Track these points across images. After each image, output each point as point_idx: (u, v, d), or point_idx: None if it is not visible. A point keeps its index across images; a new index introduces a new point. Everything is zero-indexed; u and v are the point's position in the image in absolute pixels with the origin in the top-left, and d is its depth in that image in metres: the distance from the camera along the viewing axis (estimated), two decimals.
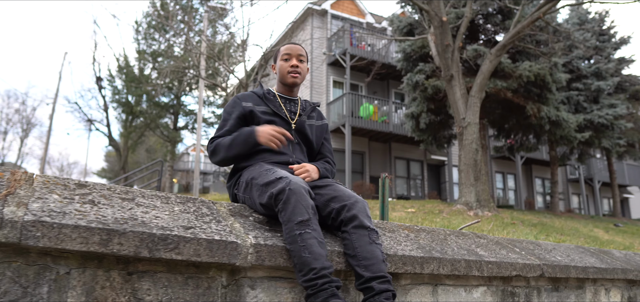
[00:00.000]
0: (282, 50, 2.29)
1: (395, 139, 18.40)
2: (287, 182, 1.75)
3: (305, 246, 1.65)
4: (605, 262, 3.48)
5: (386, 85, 19.74)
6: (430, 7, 7.20)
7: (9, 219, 1.25)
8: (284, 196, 1.72)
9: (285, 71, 2.25)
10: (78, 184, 1.64)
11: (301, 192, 1.75)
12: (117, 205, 1.58)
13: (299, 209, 1.71)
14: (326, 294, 1.58)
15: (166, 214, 1.64)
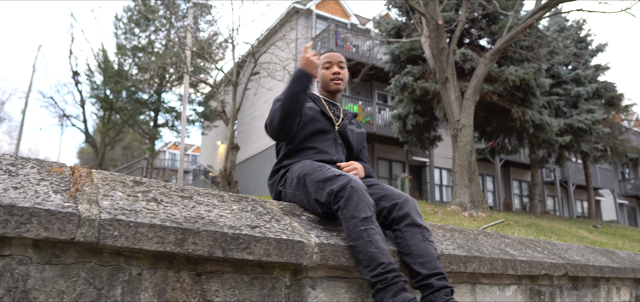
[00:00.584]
0: (321, 58, 2.30)
1: (378, 140, 18.49)
2: (347, 179, 1.71)
3: (371, 241, 1.62)
4: (616, 262, 3.55)
5: (369, 86, 19.82)
6: (426, 10, 7.26)
7: (86, 218, 1.17)
8: (346, 193, 1.68)
9: (327, 78, 2.26)
10: (135, 181, 1.55)
11: (362, 189, 1.71)
12: (180, 203, 1.51)
13: (362, 205, 1.67)
14: (396, 287, 1.56)
15: (228, 213, 1.58)
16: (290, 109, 2.02)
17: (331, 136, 2.17)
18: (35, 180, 1.27)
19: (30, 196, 1.16)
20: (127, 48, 18.81)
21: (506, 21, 11.72)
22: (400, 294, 1.55)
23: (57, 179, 1.33)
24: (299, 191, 1.93)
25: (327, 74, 2.25)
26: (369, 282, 1.60)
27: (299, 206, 1.96)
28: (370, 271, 1.59)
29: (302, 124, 2.12)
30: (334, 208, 1.73)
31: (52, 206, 1.15)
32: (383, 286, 1.56)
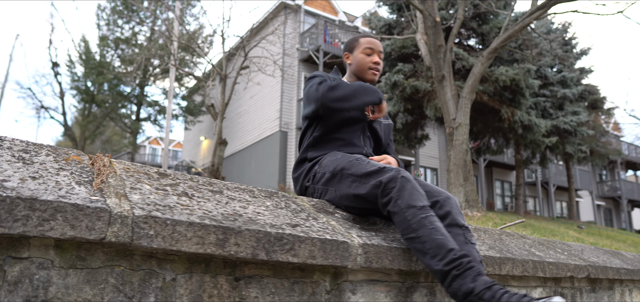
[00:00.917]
0: (362, 42, 2.10)
1: None
2: (396, 170, 1.57)
3: (435, 228, 1.48)
4: (629, 264, 3.50)
5: None
6: (424, 7, 7.16)
7: (118, 214, 0.99)
8: (398, 183, 1.54)
9: (366, 66, 2.08)
10: (159, 173, 1.38)
11: (413, 179, 1.57)
12: (212, 198, 1.34)
13: (417, 194, 1.53)
14: (474, 271, 1.42)
15: (264, 210, 1.41)
16: (349, 108, 1.86)
17: (360, 127, 2.02)
18: (53, 169, 1.09)
19: (52, 187, 0.98)
20: (109, 39, 18.28)
21: (496, 22, 11.73)
22: (479, 278, 1.41)
23: (77, 168, 1.15)
24: (332, 185, 1.77)
25: (367, 61, 2.07)
26: (440, 273, 1.45)
27: (330, 203, 1.80)
28: (441, 259, 1.44)
29: None
30: (382, 200, 1.57)
31: (79, 199, 0.97)
32: (459, 272, 1.42)
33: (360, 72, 2.09)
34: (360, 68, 2.08)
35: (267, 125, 17.95)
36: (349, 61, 2.14)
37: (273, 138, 17.33)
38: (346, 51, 2.17)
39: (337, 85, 1.85)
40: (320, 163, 1.86)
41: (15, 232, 0.87)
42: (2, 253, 0.91)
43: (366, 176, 1.63)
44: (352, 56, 2.13)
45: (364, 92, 1.86)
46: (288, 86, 17.38)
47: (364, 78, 2.09)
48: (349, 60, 2.14)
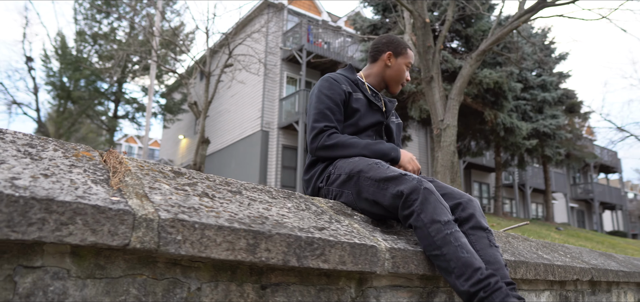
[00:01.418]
0: (409, 54, 2.02)
1: None
2: (417, 180, 1.49)
3: (460, 245, 1.41)
4: (624, 266, 3.51)
5: None
6: (414, 8, 7.13)
7: (143, 217, 0.88)
8: (420, 196, 1.45)
9: (401, 79, 2.00)
10: (174, 172, 1.26)
11: (436, 191, 1.49)
12: (233, 199, 1.23)
13: (441, 208, 1.45)
14: (502, 293, 1.36)
15: (287, 211, 1.31)
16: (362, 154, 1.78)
17: (375, 130, 1.93)
18: (65, 166, 0.97)
19: (67, 186, 0.86)
20: (87, 34, 17.76)
21: (480, 25, 11.83)
22: (509, 299, 1.34)
23: (90, 165, 1.03)
24: (348, 188, 1.68)
25: (404, 75, 2.00)
26: (466, 294, 1.37)
27: (346, 205, 1.71)
28: (467, 280, 1.36)
29: (348, 116, 1.87)
30: (403, 213, 1.49)
31: (99, 200, 0.85)
32: (487, 293, 1.34)
33: (392, 82, 2.00)
34: (395, 78, 1.99)
35: (248, 125, 17.76)
36: (389, 63, 1.99)
37: (254, 138, 17.15)
38: (391, 50, 2.00)
39: (338, 144, 1.77)
40: (335, 165, 1.77)
41: (29, 238, 0.75)
42: (12, 262, 0.79)
43: (385, 181, 1.54)
44: (395, 60, 1.99)
45: (374, 150, 1.78)
46: (270, 85, 17.21)
47: (389, 87, 2.01)
48: (390, 62, 1.99)
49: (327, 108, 1.80)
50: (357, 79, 1.95)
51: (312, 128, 1.80)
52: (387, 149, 1.78)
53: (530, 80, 15.02)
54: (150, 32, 11.90)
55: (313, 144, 1.79)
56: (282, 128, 16.77)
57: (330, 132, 1.78)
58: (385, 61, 1.99)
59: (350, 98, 1.86)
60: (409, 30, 7.96)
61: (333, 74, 1.93)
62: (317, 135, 1.78)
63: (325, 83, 1.86)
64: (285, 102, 16.92)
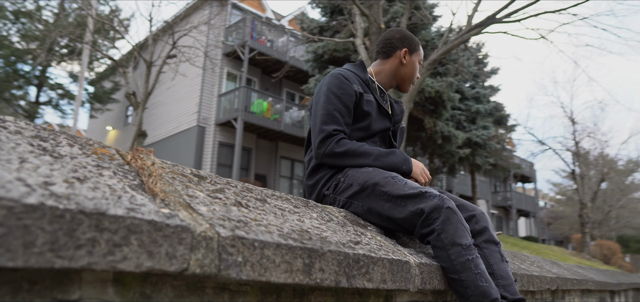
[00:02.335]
0: (421, 52, 1.93)
1: (284, 139, 18.24)
2: (440, 198, 1.41)
3: (480, 273, 1.35)
4: (573, 273, 3.69)
5: (279, 83, 19.51)
6: (370, 13, 7.16)
7: (202, 235, 0.72)
8: (442, 215, 1.38)
9: (413, 76, 1.91)
10: (194, 174, 1.08)
11: (457, 210, 1.42)
12: (266, 209, 1.08)
13: (462, 231, 1.38)
14: None
15: (318, 223, 1.17)
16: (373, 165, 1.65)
17: (381, 136, 1.83)
18: (92, 168, 0.77)
19: (109, 195, 0.68)
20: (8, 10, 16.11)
21: (425, 34, 12.17)
22: None
23: (117, 167, 0.84)
24: (360, 200, 1.57)
25: (416, 73, 1.91)
26: None
27: (356, 215, 1.60)
28: None
29: (358, 119, 1.74)
30: (422, 231, 1.41)
31: (152, 214, 0.68)
32: None
33: (406, 80, 1.89)
34: (408, 76, 1.89)
35: (184, 119, 17.10)
36: (404, 60, 1.87)
37: (190, 133, 16.54)
38: (406, 47, 1.88)
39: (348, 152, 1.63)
40: (345, 173, 1.64)
41: (77, 265, 0.57)
42: (44, 295, 0.60)
43: (404, 199, 1.45)
44: (410, 58, 1.88)
45: (386, 162, 1.65)
46: (210, 80, 16.68)
47: (402, 85, 1.90)
48: (405, 59, 1.87)
49: (337, 110, 1.67)
50: (368, 79, 1.83)
51: (319, 131, 1.65)
52: (400, 162, 1.66)
53: (465, 91, 15.73)
54: (84, 14, 11.04)
55: (320, 149, 1.65)
56: (220, 124, 16.31)
57: (339, 138, 1.64)
58: (400, 58, 1.87)
59: (361, 99, 1.73)
60: (361, 34, 8.00)
61: (344, 70, 1.78)
62: (325, 139, 1.64)
63: (335, 81, 1.72)
64: (224, 98, 16.46)
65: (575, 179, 20.57)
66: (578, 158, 20.75)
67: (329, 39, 9.60)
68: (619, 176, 26.37)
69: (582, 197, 19.89)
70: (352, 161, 1.63)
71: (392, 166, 1.63)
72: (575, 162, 20.74)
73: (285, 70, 12.25)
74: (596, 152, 23.45)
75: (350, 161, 1.63)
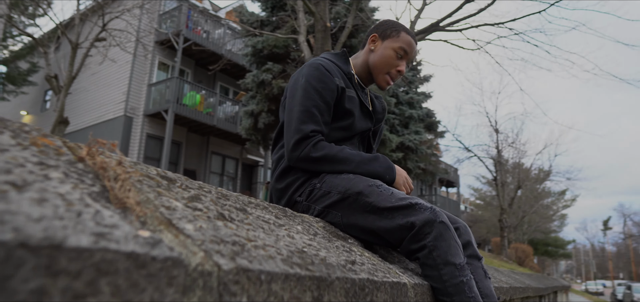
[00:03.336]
0: (402, 38, 1.64)
1: (215, 134, 17.70)
2: (432, 211, 1.27)
3: (474, 297, 1.23)
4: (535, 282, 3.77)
5: (213, 76, 18.88)
6: (317, 10, 7.01)
7: (198, 270, 0.51)
8: (435, 230, 1.24)
9: (387, 67, 1.64)
10: (161, 176, 0.85)
11: (450, 225, 1.29)
12: (251, 222, 0.87)
13: (455, 248, 1.25)
14: None
15: (308, 239, 0.98)
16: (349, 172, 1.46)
17: (361, 137, 1.67)
18: (34, 167, 0.53)
19: (64, 213, 0.45)
20: None
21: (362, 37, 12.25)
22: None
23: (67, 165, 0.60)
24: (339, 210, 1.39)
25: (393, 63, 1.63)
26: None
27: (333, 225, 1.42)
28: None
29: (338, 117, 1.56)
30: (411, 246, 1.26)
31: (129, 243, 0.46)
32: None
33: (376, 70, 1.66)
34: (377, 66, 1.64)
35: (109, 108, 16.04)
36: (372, 46, 1.68)
37: (115, 123, 15.54)
38: (376, 32, 1.69)
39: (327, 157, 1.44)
40: (322, 179, 1.46)
41: None
42: None
43: (392, 211, 1.29)
44: (380, 43, 1.66)
45: (357, 170, 1.46)
46: (140, 68, 15.77)
47: (376, 80, 1.68)
48: (374, 46, 1.68)
49: (316, 106, 1.48)
50: (350, 72, 1.65)
51: (295, 130, 1.45)
52: (383, 170, 1.49)
53: (400, 96, 16.09)
54: None
55: (295, 151, 1.45)
56: (149, 116, 15.47)
57: (316, 140, 1.45)
58: (369, 46, 1.69)
59: (343, 95, 1.55)
60: (304, 31, 7.85)
61: (324, 60, 1.58)
62: (301, 141, 1.44)
63: (315, 72, 1.52)
64: (155, 88, 15.64)
65: (497, 186, 21.81)
66: (499, 166, 22.02)
67: (270, 33, 9.34)
68: (532, 184, 28.35)
69: (502, 203, 21.12)
70: (331, 167, 1.45)
71: (374, 174, 1.47)
72: (497, 170, 22.00)
73: (222, 64, 11.79)
74: (514, 161, 25.05)
75: (329, 166, 1.45)
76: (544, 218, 34.91)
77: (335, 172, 1.44)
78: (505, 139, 23.33)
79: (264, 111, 12.81)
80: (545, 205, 34.37)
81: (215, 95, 16.60)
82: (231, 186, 19.87)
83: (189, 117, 15.37)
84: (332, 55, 1.68)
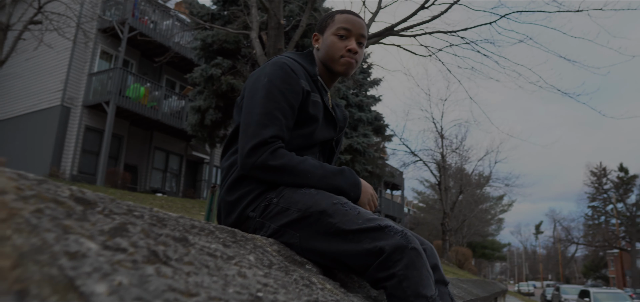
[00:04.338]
0: (338, 20, 1.52)
1: (159, 128, 17.05)
2: (403, 236, 1.14)
3: None
4: (472, 294, 3.77)
5: (160, 69, 18.15)
6: (271, 7, 6.79)
7: None
8: (406, 258, 1.10)
9: (337, 53, 1.49)
10: (74, 198, 0.65)
11: (423, 252, 1.16)
12: (195, 259, 0.69)
13: (428, 278, 1.13)
14: None
15: (262, 275, 0.82)
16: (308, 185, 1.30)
17: (322, 147, 1.52)
18: None
19: None
20: None
21: None
22: None
23: None
24: (298, 230, 1.22)
25: (340, 46, 1.49)
26: None
27: (288, 247, 1.26)
28: None
29: (301, 123, 1.40)
30: (379, 275, 1.12)
31: None
32: None
33: (329, 62, 1.51)
34: (329, 56, 1.50)
35: (44, 97, 15.01)
36: (317, 45, 1.56)
37: (51, 113, 14.56)
38: (317, 31, 1.58)
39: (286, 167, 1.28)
40: (280, 192, 1.29)
41: None
42: None
43: (358, 234, 1.15)
44: (322, 37, 1.55)
45: (320, 184, 1.31)
46: (80, 56, 14.86)
47: (333, 68, 1.52)
48: (317, 44, 1.56)
49: (279, 109, 1.31)
50: (315, 74, 1.49)
51: (253, 134, 1.28)
52: (348, 187, 1.34)
53: (350, 98, 16.15)
54: None
55: (250, 157, 1.27)
56: (88, 107, 14.63)
57: (276, 147, 1.28)
58: (315, 46, 1.58)
59: (308, 100, 1.39)
60: (256, 27, 7.62)
61: (288, 60, 1.41)
62: (259, 147, 1.27)
63: (280, 72, 1.35)
64: (96, 78, 14.79)
65: (440, 190, 22.44)
66: (443, 171, 22.67)
67: (221, 28, 9.01)
68: (473, 189, 29.45)
69: (445, 207, 21.74)
70: (291, 179, 1.28)
71: (338, 190, 1.31)
72: (441, 175, 22.63)
73: (169, 56, 11.30)
74: (457, 166, 25.91)
75: (288, 178, 1.28)
76: (482, 222, 36.41)
77: (295, 185, 1.29)
78: (450, 145, 24.07)
79: (211, 107, 12.41)
80: (484, 209, 35.86)
81: (161, 89, 15.95)
82: (175, 183, 19.21)
83: (132, 110, 14.67)
84: (296, 54, 1.54)
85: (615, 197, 41.45)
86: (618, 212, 41.02)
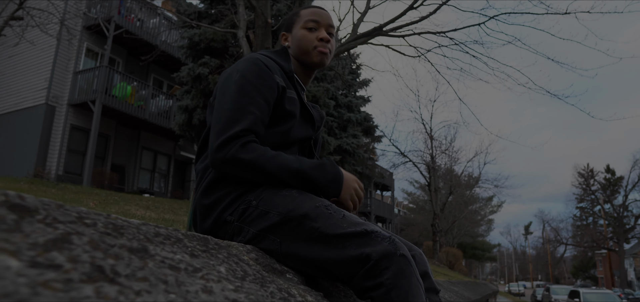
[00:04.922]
0: (303, 14, 1.51)
1: (146, 128, 16.84)
2: (391, 242, 1.06)
3: None
4: (463, 297, 3.71)
5: (146, 67, 17.93)
6: (258, 5, 6.69)
7: None
8: (394, 265, 1.02)
9: (310, 44, 1.45)
10: (9, 205, 0.56)
11: (412, 260, 1.08)
12: (152, 274, 0.61)
13: (417, 288, 1.05)
14: None
15: (234, 289, 0.73)
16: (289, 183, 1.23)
17: (300, 146, 1.44)
18: None
19: None
20: None
21: None
22: None
23: None
24: (278, 235, 1.14)
25: (311, 38, 1.46)
26: None
27: (267, 254, 1.17)
28: None
29: (277, 121, 1.32)
30: (365, 283, 1.04)
31: None
32: None
33: (303, 55, 1.47)
34: (301, 49, 1.46)
35: (28, 95, 14.74)
36: (287, 43, 1.53)
37: (35, 111, 14.30)
38: (284, 31, 1.56)
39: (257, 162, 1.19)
40: (258, 194, 1.20)
41: None
42: None
43: (343, 239, 1.07)
44: (290, 36, 1.52)
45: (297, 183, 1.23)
46: (65, 54, 14.61)
47: (309, 61, 1.47)
48: (287, 42, 1.53)
49: (253, 104, 1.23)
50: (291, 70, 1.43)
51: (223, 129, 1.20)
52: (325, 183, 1.25)
53: (339, 99, 16.10)
54: None
55: (219, 152, 1.19)
56: (74, 105, 14.39)
57: (247, 140, 1.20)
58: (285, 44, 1.54)
59: (284, 96, 1.32)
60: (244, 26, 7.52)
61: (262, 56, 1.35)
62: (229, 141, 1.19)
63: (252, 67, 1.29)
64: (82, 76, 14.55)
65: (430, 191, 22.47)
66: (433, 172, 22.71)
67: (208, 26, 8.89)
68: (462, 190, 29.56)
69: (435, 208, 21.78)
70: (263, 174, 1.20)
71: (314, 185, 1.23)
72: (430, 176, 22.67)
73: (156, 55, 11.14)
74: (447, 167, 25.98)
75: (258, 175, 1.20)
76: (472, 223, 36.58)
77: (268, 182, 1.20)
78: (439, 146, 24.13)
79: (199, 107, 12.27)
80: (473, 210, 36.02)
81: (148, 88, 15.75)
82: (163, 184, 19.01)
83: (119, 109, 14.46)
84: (270, 52, 1.48)
85: (603, 198, 41.92)
86: (605, 213, 41.48)
